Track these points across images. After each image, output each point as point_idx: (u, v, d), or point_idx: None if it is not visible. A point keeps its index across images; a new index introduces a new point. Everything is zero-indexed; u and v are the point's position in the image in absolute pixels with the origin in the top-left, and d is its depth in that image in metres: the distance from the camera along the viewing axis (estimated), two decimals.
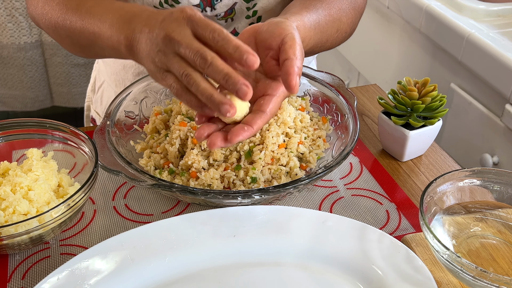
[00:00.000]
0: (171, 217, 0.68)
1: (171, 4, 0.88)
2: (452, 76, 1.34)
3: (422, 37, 1.42)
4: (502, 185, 0.69)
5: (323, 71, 0.88)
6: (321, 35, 0.82)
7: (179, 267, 0.64)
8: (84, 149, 0.75)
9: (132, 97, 0.83)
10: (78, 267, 0.61)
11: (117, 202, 0.76)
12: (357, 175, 0.82)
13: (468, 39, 1.23)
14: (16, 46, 2.07)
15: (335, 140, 0.80)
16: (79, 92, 2.24)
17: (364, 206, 0.76)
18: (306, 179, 0.68)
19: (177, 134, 0.76)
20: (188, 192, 0.67)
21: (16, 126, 0.77)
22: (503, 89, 1.15)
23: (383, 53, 1.64)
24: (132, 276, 0.62)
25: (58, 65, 2.16)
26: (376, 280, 0.62)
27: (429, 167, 0.84)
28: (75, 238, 0.71)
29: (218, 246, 0.66)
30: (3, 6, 1.99)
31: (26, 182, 0.68)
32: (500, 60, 1.14)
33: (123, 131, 0.80)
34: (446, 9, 1.34)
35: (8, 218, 0.65)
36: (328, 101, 0.85)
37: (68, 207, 0.65)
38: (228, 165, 0.74)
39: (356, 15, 0.90)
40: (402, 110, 0.81)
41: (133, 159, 0.77)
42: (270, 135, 0.74)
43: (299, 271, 0.64)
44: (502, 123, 1.18)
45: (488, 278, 0.56)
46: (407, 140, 0.80)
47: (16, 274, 0.66)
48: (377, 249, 0.64)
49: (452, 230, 0.67)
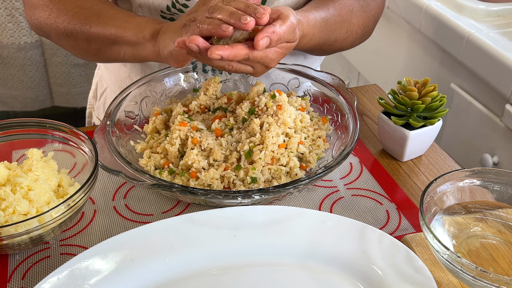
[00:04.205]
0: (171, 217, 0.68)
1: (179, 8, 0.88)
2: (452, 76, 1.34)
3: (422, 37, 1.42)
4: (502, 185, 0.69)
5: (323, 71, 0.88)
6: (328, 34, 0.85)
7: (179, 267, 0.64)
8: (84, 149, 0.75)
9: (132, 97, 0.83)
10: (78, 267, 0.61)
11: (117, 202, 0.76)
12: (357, 175, 0.82)
13: (468, 39, 1.23)
14: (16, 46, 2.07)
15: (335, 140, 0.80)
16: (79, 92, 2.24)
17: (364, 206, 0.76)
18: (306, 179, 0.68)
19: (177, 134, 0.76)
20: (188, 192, 0.67)
21: (16, 126, 0.77)
22: (503, 89, 1.15)
23: (383, 53, 1.64)
24: (132, 276, 0.62)
25: (58, 65, 2.16)
26: (376, 280, 0.62)
27: (429, 167, 0.84)
28: (75, 238, 0.71)
29: (218, 246, 0.66)
30: (3, 6, 1.99)
31: (26, 182, 0.68)
32: (500, 60, 1.14)
33: (123, 131, 0.80)
34: (446, 9, 1.34)
35: (8, 218, 0.65)
36: (328, 101, 0.85)
37: (68, 207, 0.64)
38: (228, 165, 0.74)
39: (368, 17, 0.92)
40: (402, 110, 0.81)
41: (133, 159, 0.77)
42: (270, 135, 0.74)
43: (299, 271, 0.64)
44: (502, 123, 1.18)
45: (488, 278, 0.56)
46: (407, 140, 0.80)
47: (16, 274, 0.66)
48: (377, 249, 0.64)
49: (452, 230, 0.67)
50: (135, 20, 0.81)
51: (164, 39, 0.74)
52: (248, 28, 0.67)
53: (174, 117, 0.81)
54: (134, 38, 0.79)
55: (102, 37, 0.82)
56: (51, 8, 0.86)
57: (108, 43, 0.83)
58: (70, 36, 0.85)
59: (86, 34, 0.83)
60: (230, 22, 0.67)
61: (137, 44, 0.79)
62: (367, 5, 0.91)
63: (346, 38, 0.90)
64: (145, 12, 0.90)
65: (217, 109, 0.84)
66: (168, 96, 0.88)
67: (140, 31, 0.79)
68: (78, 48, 0.88)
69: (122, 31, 0.80)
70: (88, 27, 0.83)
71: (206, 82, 0.85)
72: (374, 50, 1.70)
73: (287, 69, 0.88)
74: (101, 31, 0.82)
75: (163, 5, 0.88)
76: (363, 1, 0.91)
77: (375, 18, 0.95)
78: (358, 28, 0.91)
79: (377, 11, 0.95)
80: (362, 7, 0.91)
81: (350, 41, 0.92)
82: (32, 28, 0.92)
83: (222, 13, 0.68)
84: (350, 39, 0.91)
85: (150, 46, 0.78)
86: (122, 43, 0.81)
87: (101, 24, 0.82)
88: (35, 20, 0.89)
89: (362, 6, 0.91)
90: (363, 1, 0.91)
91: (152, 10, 0.90)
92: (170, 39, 0.73)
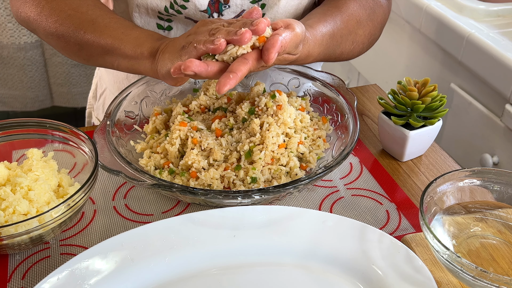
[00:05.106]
0: (171, 217, 0.68)
1: (177, 10, 0.87)
2: (452, 76, 1.34)
3: (422, 37, 1.42)
4: (502, 185, 0.69)
5: (323, 71, 0.88)
6: (334, 48, 0.84)
7: (179, 267, 0.64)
8: (84, 149, 0.75)
9: (132, 97, 0.83)
10: (78, 267, 0.61)
11: (117, 202, 0.76)
12: (357, 175, 0.82)
13: (468, 39, 1.23)
14: (16, 46, 2.07)
15: (335, 140, 0.80)
16: (79, 92, 2.24)
17: (364, 206, 0.76)
18: (306, 179, 0.68)
19: (177, 134, 0.76)
20: (188, 192, 0.67)
21: (16, 126, 0.77)
22: (503, 89, 1.15)
23: (383, 53, 1.64)
24: (132, 276, 0.62)
25: (58, 65, 2.16)
26: (376, 280, 0.62)
27: (429, 167, 0.84)
28: (75, 238, 0.71)
29: (218, 246, 0.66)
30: (3, 6, 1.99)
31: (26, 182, 0.68)
32: (500, 60, 1.14)
33: (123, 131, 0.80)
34: (446, 9, 1.34)
35: (8, 218, 0.65)
36: (328, 101, 0.85)
37: (68, 207, 0.65)
38: (228, 165, 0.74)
39: (375, 26, 0.91)
40: (402, 110, 0.81)
41: (133, 159, 0.77)
42: (270, 135, 0.74)
43: (299, 271, 0.64)
44: (502, 123, 1.18)
45: (488, 278, 0.56)
46: (407, 140, 0.80)
47: (16, 274, 0.66)
48: (377, 249, 0.64)
49: (452, 230, 0.67)
50: (133, 33, 0.78)
51: (163, 59, 0.72)
52: (244, 41, 0.66)
53: (174, 117, 0.81)
54: (131, 52, 0.77)
55: (96, 45, 0.79)
56: (43, 5, 0.84)
57: (101, 52, 0.80)
58: (61, 37, 0.83)
59: (79, 40, 0.81)
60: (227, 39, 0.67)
61: (133, 58, 0.77)
62: (373, 13, 0.90)
63: (352, 50, 0.89)
64: (143, 13, 0.90)
65: (217, 109, 0.84)
66: (168, 96, 0.88)
67: (138, 47, 0.76)
68: (67, 50, 0.85)
69: (119, 43, 0.78)
70: (82, 32, 0.80)
71: (206, 82, 0.85)
72: (374, 50, 1.69)
73: (287, 69, 0.88)
74: (95, 39, 0.79)
75: (161, 6, 0.87)
76: (370, 9, 0.89)
77: (382, 24, 0.94)
78: (364, 39, 0.90)
79: (383, 17, 0.93)
80: (369, 16, 0.89)
81: (356, 51, 0.91)
82: (17, 19, 0.89)
83: (222, 34, 0.68)
84: (356, 50, 0.90)
85: (147, 64, 0.75)
86: (118, 54, 0.78)
87: (96, 32, 0.79)
88: (22, 13, 0.87)
89: (369, 15, 0.89)
90: (370, 9, 0.89)
91: (150, 11, 0.89)
92: (169, 60, 0.71)
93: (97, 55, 0.81)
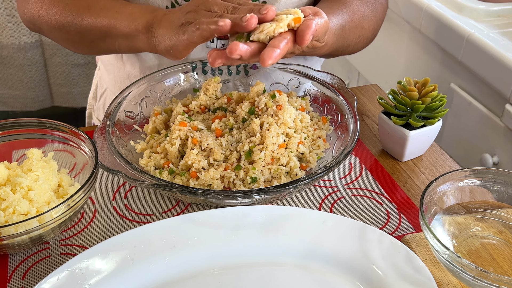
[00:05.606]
0: (171, 217, 0.68)
1: None
2: (452, 76, 1.34)
3: (422, 37, 1.42)
4: (502, 185, 0.69)
5: (323, 71, 0.88)
6: (343, 41, 0.85)
7: (179, 267, 0.64)
8: (84, 149, 0.75)
9: (132, 97, 0.83)
10: (78, 267, 0.61)
11: (117, 202, 0.76)
12: (357, 175, 0.82)
13: (468, 39, 1.22)
14: (16, 46, 2.07)
15: (335, 140, 0.80)
16: (79, 92, 2.24)
17: (364, 206, 0.76)
18: (306, 179, 0.68)
19: (177, 134, 0.76)
20: (188, 192, 0.67)
21: (16, 126, 0.77)
22: (503, 89, 1.15)
23: (383, 53, 1.64)
24: (132, 276, 0.62)
25: (58, 65, 2.16)
26: (376, 280, 0.62)
27: (429, 167, 0.84)
28: (75, 238, 0.71)
29: (218, 246, 0.66)
30: (3, 6, 1.99)
31: (26, 182, 0.68)
32: (500, 60, 1.14)
33: (123, 131, 0.80)
34: (446, 9, 1.34)
35: (8, 218, 0.65)
36: (328, 101, 0.85)
37: (68, 207, 0.65)
38: (228, 165, 0.74)
39: (377, 21, 0.94)
40: (402, 110, 0.81)
41: (133, 159, 0.77)
42: (270, 135, 0.74)
43: (299, 271, 0.64)
44: (502, 123, 1.18)
45: (488, 278, 0.56)
46: (407, 140, 0.80)
47: (16, 274, 0.66)
48: (377, 249, 0.64)
49: (452, 230, 0.67)
50: (127, 9, 0.79)
51: (161, 35, 0.73)
52: (250, 27, 0.65)
53: (174, 117, 0.81)
54: (127, 29, 0.77)
55: (94, 29, 0.80)
56: (43, 0, 0.85)
57: (101, 36, 0.81)
58: (62, 28, 0.84)
59: (78, 27, 0.81)
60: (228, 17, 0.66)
61: (130, 35, 0.78)
62: (375, 9, 0.92)
63: (357, 43, 0.91)
64: None
65: (217, 109, 0.84)
66: (168, 96, 0.88)
67: (133, 22, 0.77)
68: (70, 40, 0.86)
69: (114, 22, 0.78)
70: (80, 19, 0.81)
71: (206, 82, 0.85)
72: (374, 50, 1.69)
73: (287, 69, 0.88)
74: (93, 23, 0.80)
75: (162, 6, 0.88)
76: (372, 5, 0.92)
77: (382, 21, 0.97)
78: (368, 33, 0.92)
79: (383, 14, 0.96)
80: (372, 12, 0.91)
81: (360, 46, 0.93)
82: (24, 22, 0.91)
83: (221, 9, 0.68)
84: (361, 44, 0.92)
85: (144, 38, 0.76)
86: (116, 34, 0.79)
87: (92, 16, 0.80)
88: (27, 13, 0.88)
89: (372, 11, 0.91)
90: (372, 5, 0.92)
91: None
92: (167, 36, 0.72)
93: (98, 39, 0.82)
